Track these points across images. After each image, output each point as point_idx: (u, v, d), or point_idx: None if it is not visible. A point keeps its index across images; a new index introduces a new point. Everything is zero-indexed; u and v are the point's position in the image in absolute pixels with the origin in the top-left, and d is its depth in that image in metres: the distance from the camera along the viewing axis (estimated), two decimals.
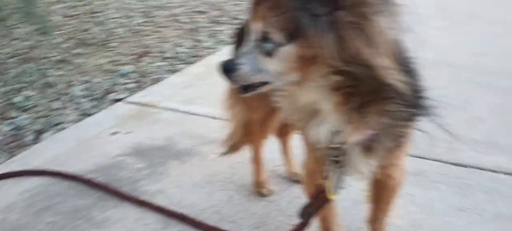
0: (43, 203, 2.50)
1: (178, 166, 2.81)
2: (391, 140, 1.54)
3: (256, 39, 1.39)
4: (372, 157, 1.58)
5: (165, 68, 4.74)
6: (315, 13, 1.26)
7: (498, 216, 2.23)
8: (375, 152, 1.55)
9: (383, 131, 1.49)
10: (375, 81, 1.30)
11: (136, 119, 3.48)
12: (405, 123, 1.52)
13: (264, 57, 1.38)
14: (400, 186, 1.86)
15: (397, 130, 1.52)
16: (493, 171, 2.59)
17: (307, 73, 1.37)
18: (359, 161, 1.59)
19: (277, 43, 1.33)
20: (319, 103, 1.44)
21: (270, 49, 1.35)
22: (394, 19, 1.26)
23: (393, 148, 1.57)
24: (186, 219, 2.28)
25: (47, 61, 4.77)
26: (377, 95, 1.36)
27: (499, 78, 3.90)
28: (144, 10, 6.75)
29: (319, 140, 1.51)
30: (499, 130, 3.03)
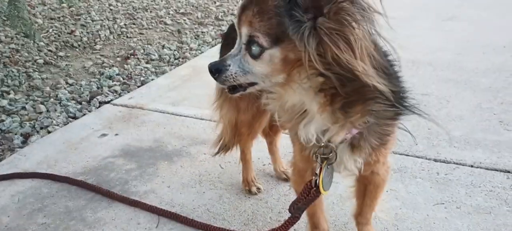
0: (35, 205, 2.53)
1: (167, 166, 2.86)
2: (376, 138, 1.62)
3: (243, 43, 1.46)
4: (358, 154, 1.66)
5: (150, 70, 4.78)
6: (298, 19, 1.34)
7: (477, 209, 2.32)
8: (361, 149, 1.64)
9: (368, 129, 1.57)
10: (357, 84, 1.38)
11: (123, 121, 3.52)
12: (389, 121, 1.61)
13: (251, 59, 1.45)
14: (385, 182, 1.94)
15: (381, 128, 1.61)
16: (472, 166, 2.69)
17: (292, 75, 1.44)
18: (346, 158, 1.67)
19: (263, 47, 1.40)
20: (305, 104, 1.51)
21: (257, 52, 1.42)
22: (373, 25, 1.33)
23: (378, 145, 1.66)
24: (179, 218, 2.34)
25: (32, 64, 4.76)
26: (361, 95, 1.44)
27: (478, 76, 4.01)
28: (128, 12, 6.75)
29: (307, 139, 1.58)
30: (478, 126, 3.13)
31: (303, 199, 1.79)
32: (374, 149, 1.66)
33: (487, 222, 2.24)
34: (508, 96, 3.56)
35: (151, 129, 3.37)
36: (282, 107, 1.60)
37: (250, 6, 1.43)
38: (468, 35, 5.25)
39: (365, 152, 1.65)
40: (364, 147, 1.63)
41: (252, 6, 1.42)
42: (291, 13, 1.35)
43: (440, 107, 3.42)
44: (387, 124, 1.61)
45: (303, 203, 1.79)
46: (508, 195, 2.41)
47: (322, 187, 1.73)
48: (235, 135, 2.40)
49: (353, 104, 1.46)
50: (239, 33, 1.48)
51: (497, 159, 2.73)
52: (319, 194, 1.76)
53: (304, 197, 1.78)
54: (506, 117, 3.23)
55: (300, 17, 1.34)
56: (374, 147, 1.65)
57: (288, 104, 1.56)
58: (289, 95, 1.52)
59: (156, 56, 5.17)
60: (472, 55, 4.56)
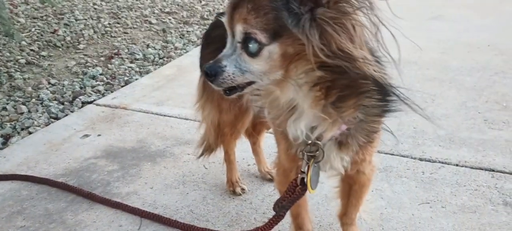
0: (14, 207, 2.47)
1: (150, 167, 2.82)
2: (363, 135, 1.61)
3: (238, 41, 1.41)
4: (346, 152, 1.64)
5: (135, 70, 4.72)
6: (296, 12, 1.31)
7: (462, 208, 2.32)
8: (348, 147, 1.62)
9: (356, 126, 1.55)
10: (354, 74, 1.35)
11: (106, 121, 3.46)
12: (376, 118, 1.59)
13: (248, 58, 1.40)
14: (370, 182, 1.92)
15: (368, 125, 1.59)
16: (457, 165, 2.68)
17: (289, 71, 1.40)
18: (333, 156, 1.65)
19: (261, 43, 1.35)
20: (297, 99, 1.48)
21: (255, 49, 1.37)
22: (372, 13, 1.32)
23: (365, 143, 1.64)
24: (161, 219, 2.30)
25: (14, 64, 4.68)
26: (354, 89, 1.42)
27: (462, 75, 4.03)
28: (113, 12, 6.67)
29: (296, 135, 1.55)
30: (463, 125, 3.14)
31: (288, 197, 1.75)
32: (361, 147, 1.64)
33: (472, 221, 2.23)
34: (492, 95, 3.57)
35: (134, 129, 3.32)
36: (271, 104, 1.57)
37: (242, 3, 1.38)
38: (452, 34, 5.27)
39: (352, 149, 1.63)
40: (352, 144, 1.61)
41: (245, 3, 1.37)
42: (288, 6, 1.32)
43: (425, 106, 3.42)
44: (374, 120, 1.59)
45: (288, 201, 1.76)
46: (493, 194, 2.41)
47: (310, 185, 1.70)
48: (218, 135, 2.37)
49: (345, 99, 1.43)
50: (232, 32, 1.43)
51: (482, 157, 2.73)
52: (304, 193, 1.74)
53: (289, 195, 1.75)
54: (491, 116, 3.24)
55: (297, 9, 1.31)
56: (361, 144, 1.63)
57: (279, 101, 1.52)
58: (283, 92, 1.48)
59: (141, 56, 5.11)
60: (456, 54, 4.58)
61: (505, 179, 2.53)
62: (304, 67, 1.38)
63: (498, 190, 2.44)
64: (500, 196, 2.40)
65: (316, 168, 1.69)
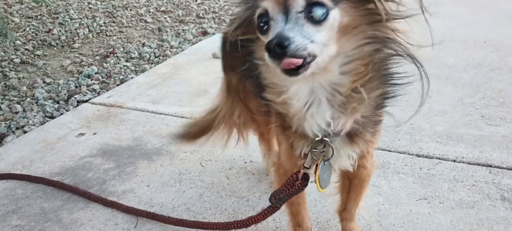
0: (9, 206, 2.45)
1: (147, 165, 2.80)
2: (372, 126, 1.57)
3: (299, 11, 1.26)
4: (356, 146, 1.59)
5: (130, 69, 4.70)
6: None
7: (459, 204, 2.31)
8: (359, 140, 1.57)
9: (368, 116, 1.51)
10: (391, 50, 1.37)
11: (102, 119, 3.44)
12: (381, 108, 1.55)
13: (313, 26, 1.25)
14: (370, 176, 1.89)
15: (377, 116, 1.56)
16: (454, 161, 2.68)
17: (342, 45, 1.32)
18: (343, 152, 1.60)
19: (328, 7, 1.25)
20: (337, 82, 1.38)
21: (321, 15, 1.25)
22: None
23: (372, 137, 1.61)
24: (155, 217, 2.28)
25: (8, 63, 4.65)
26: (379, 72, 1.41)
27: (459, 71, 4.02)
28: (108, 11, 6.64)
29: (315, 131, 1.48)
30: (460, 121, 3.13)
31: (286, 191, 1.72)
32: (368, 140, 1.60)
33: (470, 216, 2.22)
34: (489, 91, 3.57)
35: (130, 128, 3.30)
36: (292, 97, 1.44)
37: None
38: (447, 31, 5.27)
39: (362, 142, 1.58)
40: (363, 137, 1.56)
41: None
42: None
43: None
44: (381, 110, 1.54)
45: (285, 194, 1.73)
46: (491, 190, 2.41)
47: (320, 185, 1.65)
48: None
49: (371, 81, 1.39)
50: (284, 6, 1.27)
51: (479, 153, 2.73)
52: (303, 188, 1.71)
53: (288, 188, 1.72)
54: (488, 112, 3.24)
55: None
56: (369, 138, 1.59)
57: (303, 92, 1.41)
58: (327, 73, 1.35)
59: (136, 55, 5.09)
60: (452, 51, 4.57)
61: (502, 175, 2.53)
62: (357, 41, 1.32)
63: (495, 186, 2.43)
64: (497, 191, 2.39)
65: (326, 166, 1.64)
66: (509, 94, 3.51)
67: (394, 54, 1.39)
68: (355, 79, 1.37)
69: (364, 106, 1.43)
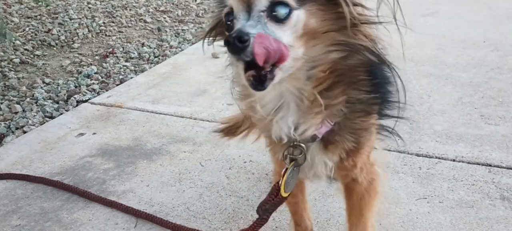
0: (9, 206, 2.45)
1: (146, 165, 2.80)
2: (350, 135, 1.50)
3: (262, 10, 1.23)
4: (331, 153, 1.54)
5: (130, 69, 4.69)
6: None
7: (459, 203, 2.31)
8: (335, 146, 1.51)
9: (342, 123, 1.47)
10: (357, 58, 1.33)
11: (102, 119, 3.44)
12: (362, 116, 1.49)
13: (276, 25, 1.23)
14: (370, 195, 1.75)
15: (354, 123, 1.49)
16: (454, 160, 2.68)
17: (309, 49, 1.30)
18: (317, 159, 1.56)
19: (291, 6, 1.23)
20: (301, 88, 1.36)
21: (284, 14, 1.22)
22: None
23: (353, 145, 1.53)
24: (153, 219, 2.27)
25: (7, 63, 4.65)
26: (344, 77, 1.37)
27: (458, 71, 4.02)
28: (107, 11, 6.64)
29: (280, 135, 1.46)
30: (459, 121, 3.13)
31: (271, 201, 1.68)
32: (349, 151, 1.53)
33: (469, 216, 2.22)
34: (488, 91, 3.57)
35: (130, 128, 3.30)
36: (259, 101, 1.42)
37: None
38: (446, 31, 5.27)
39: (339, 152, 1.52)
40: (339, 144, 1.50)
41: None
42: None
43: (421, 102, 3.41)
44: (359, 117, 1.48)
45: (270, 205, 1.69)
46: (490, 189, 2.41)
47: (284, 189, 1.61)
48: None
49: (334, 87, 1.36)
50: (247, 4, 1.25)
51: (478, 152, 2.73)
52: (287, 196, 1.66)
53: (272, 198, 1.68)
54: (487, 111, 3.24)
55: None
56: (349, 147, 1.52)
57: (270, 96, 1.39)
58: (293, 79, 1.33)
59: (136, 54, 5.09)
60: (452, 50, 4.57)
61: (502, 174, 2.53)
62: (324, 47, 1.30)
63: (495, 185, 2.44)
64: (497, 190, 2.39)
65: (295, 172, 1.60)
66: (509, 93, 3.51)
67: (365, 61, 1.35)
68: (316, 85, 1.35)
69: (326, 113, 1.39)
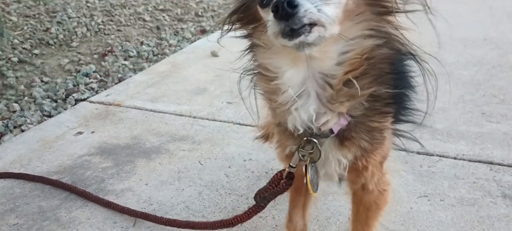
0: (7, 205, 2.43)
1: (145, 164, 2.78)
2: (365, 134, 1.48)
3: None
4: (347, 150, 1.51)
5: (129, 67, 4.67)
6: None
7: (460, 201, 2.29)
8: (351, 142, 1.49)
9: (359, 119, 1.45)
10: (392, 45, 1.35)
11: (100, 118, 3.42)
12: (378, 115, 1.48)
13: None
14: (378, 207, 1.73)
15: (371, 121, 1.47)
16: (455, 158, 2.66)
17: (347, 29, 1.29)
18: (331, 156, 1.53)
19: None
20: (329, 72, 1.34)
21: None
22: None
23: (368, 145, 1.51)
24: (148, 217, 2.24)
25: (5, 62, 4.62)
26: (371, 70, 1.35)
27: (459, 69, 4.01)
28: (106, 9, 6.62)
29: (299, 124, 1.43)
30: (460, 119, 3.12)
31: (271, 190, 1.68)
32: (363, 150, 1.50)
33: (470, 214, 2.21)
34: (490, 89, 3.56)
35: (128, 126, 3.28)
36: (285, 82, 1.38)
37: None
38: (447, 29, 5.25)
39: (354, 148, 1.49)
40: (354, 142, 1.47)
41: None
42: None
43: (422, 100, 3.39)
44: (376, 116, 1.46)
45: (270, 193, 1.69)
46: (491, 187, 2.39)
47: (311, 188, 1.58)
48: None
49: (365, 77, 1.35)
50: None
51: (480, 150, 2.71)
52: (288, 187, 1.66)
53: (272, 187, 1.68)
54: (488, 109, 3.22)
55: None
56: (364, 146, 1.49)
57: (292, 81, 1.36)
58: (323, 59, 1.32)
59: (134, 53, 5.07)
60: (453, 49, 4.56)
61: (503, 172, 2.51)
62: (360, 30, 1.30)
63: (496, 183, 2.42)
64: (498, 188, 2.38)
65: (313, 169, 1.58)
66: (510, 91, 3.50)
67: (395, 54, 1.36)
68: (349, 70, 1.33)
69: (352, 102, 1.38)
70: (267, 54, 1.41)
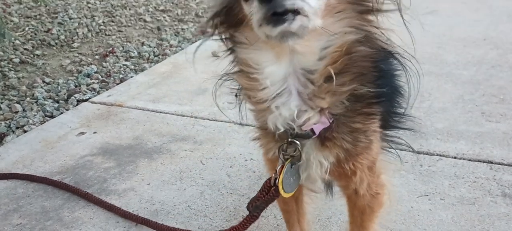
0: (10, 205, 2.45)
1: (147, 164, 2.80)
2: (348, 135, 1.46)
3: None
4: (328, 152, 1.48)
5: (130, 68, 4.69)
6: None
7: (461, 200, 2.31)
8: (332, 145, 1.47)
9: (341, 119, 1.43)
10: (372, 43, 1.34)
11: (102, 118, 3.44)
12: (361, 115, 1.45)
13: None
14: (372, 210, 1.70)
15: (353, 122, 1.45)
16: (455, 157, 2.68)
17: (329, 24, 1.28)
18: (313, 157, 1.51)
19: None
20: (311, 65, 1.33)
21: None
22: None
23: (352, 147, 1.48)
24: (149, 223, 2.23)
25: (7, 63, 4.64)
26: (357, 66, 1.34)
27: (459, 69, 4.02)
28: (107, 10, 6.63)
29: (278, 124, 1.41)
30: (460, 118, 3.13)
31: (262, 197, 1.66)
32: (346, 151, 1.47)
33: (471, 213, 2.22)
34: (489, 88, 3.57)
35: (130, 126, 3.30)
36: (266, 77, 1.35)
37: None
38: (446, 29, 5.27)
39: (336, 149, 1.47)
40: (337, 140, 1.45)
41: None
42: None
43: (422, 100, 3.41)
44: (358, 116, 1.44)
45: (261, 202, 1.67)
46: (492, 186, 2.41)
47: (283, 188, 1.57)
48: None
49: (346, 73, 1.33)
50: None
51: (480, 150, 2.73)
52: (278, 194, 1.61)
53: (263, 195, 1.66)
54: (488, 108, 3.24)
55: None
56: (347, 147, 1.47)
57: (273, 77, 1.34)
58: (305, 54, 1.31)
59: (136, 54, 5.08)
60: (452, 49, 4.57)
61: (503, 171, 2.53)
62: (341, 26, 1.30)
63: (496, 182, 2.43)
64: (498, 187, 2.39)
65: (293, 170, 1.56)
66: (509, 91, 3.51)
67: (376, 53, 1.35)
68: (329, 64, 1.31)
69: (333, 99, 1.36)
70: (249, 50, 1.39)
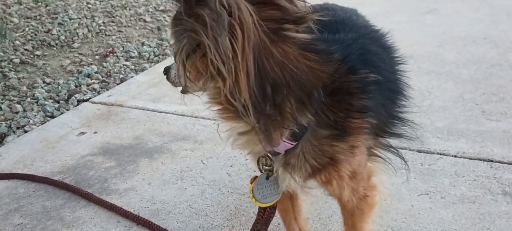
0: (11, 205, 2.45)
1: (148, 163, 2.80)
2: (315, 157, 1.44)
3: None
4: (292, 173, 1.50)
5: (130, 68, 4.70)
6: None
7: (461, 199, 2.31)
8: (293, 168, 1.48)
9: (302, 145, 1.42)
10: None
11: (102, 118, 3.44)
12: (328, 140, 1.42)
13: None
14: (363, 212, 1.71)
15: (320, 147, 1.43)
16: (455, 156, 2.68)
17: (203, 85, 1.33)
18: (280, 172, 1.54)
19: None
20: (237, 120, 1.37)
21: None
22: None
23: (323, 165, 1.46)
24: (152, 226, 2.23)
25: (8, 64, 4.64)
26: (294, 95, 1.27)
27: (459, 68, 4.02)
28: (107, 10, 6.64)
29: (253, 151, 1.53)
30: (460, 117, 3.13)
31: (261, 219, 1.71)
32: (316, 169, 1.47)
33: (471, 211, 2.22)
34: (489, 87, 3.57)
35: (131, 126, 3.30)
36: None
37: None
38: (446, 28, 5.27)
39: (300, 172, 1.48)
40: (298, 166, 1.46)
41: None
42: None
43: (422, 98, 3.41)
44: (326, 143, 1.41)
45: (261, 224, 1.72)
46: (492, 184, 2.41)
47: (253, 196, 1.62)
48: None
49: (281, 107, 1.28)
50: None
51: (480, 148, 2.73)
52: (274, 211, 1.68)
53: (261, 217, 1.71)
54: (488, 107, 3.24)
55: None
56: (314, 164, 1.46)
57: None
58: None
59: (136, 54, 5.09)
60: (452, 48, 4.57)
61: (503, 169, 2.53)
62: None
63: (497, 180, 2.44)
64: (499, 186, 2.39)
65: (270, 182, 1.60)
66: (509, 89, 3.51)
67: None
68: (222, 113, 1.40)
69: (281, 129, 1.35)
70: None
